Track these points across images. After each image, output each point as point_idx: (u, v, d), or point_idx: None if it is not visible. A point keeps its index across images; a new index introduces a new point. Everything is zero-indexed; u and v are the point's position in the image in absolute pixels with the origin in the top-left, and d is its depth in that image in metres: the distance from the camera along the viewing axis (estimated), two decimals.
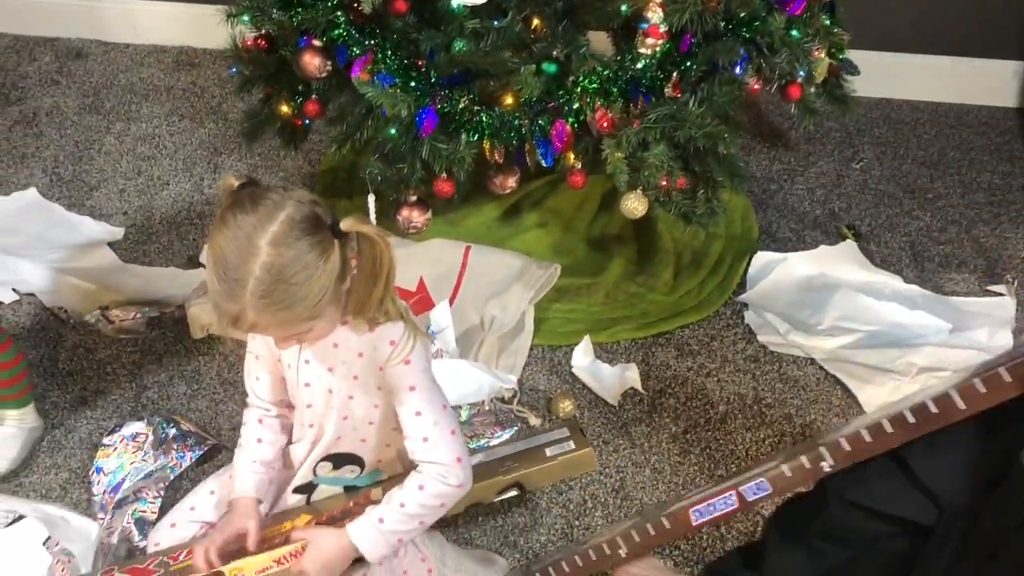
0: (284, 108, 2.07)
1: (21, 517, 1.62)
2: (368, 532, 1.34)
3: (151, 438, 1.79)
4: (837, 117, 2.51)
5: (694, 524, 1.34)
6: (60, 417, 1.91)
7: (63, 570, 1.58)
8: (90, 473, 1.78)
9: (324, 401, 1.43)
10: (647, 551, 1.41)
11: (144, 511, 1.69)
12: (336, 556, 1.35)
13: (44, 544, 1.59)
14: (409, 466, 1.39)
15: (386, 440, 1.48)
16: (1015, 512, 1.10)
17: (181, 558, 1.42)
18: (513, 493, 1.55)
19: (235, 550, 1.40)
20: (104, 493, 1.74)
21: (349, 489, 1.50)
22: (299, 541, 1.37)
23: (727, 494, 1.30)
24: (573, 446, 1.57)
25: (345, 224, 1.22)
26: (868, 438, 1.19)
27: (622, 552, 1.38)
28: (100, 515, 1.71)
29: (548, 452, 1.58)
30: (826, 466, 1.22)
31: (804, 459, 1.23)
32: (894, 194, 2.60)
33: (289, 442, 1.54)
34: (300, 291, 1.19)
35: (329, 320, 1.29)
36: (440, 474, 1.33)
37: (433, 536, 1.64)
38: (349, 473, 1.49)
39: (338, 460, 1.49)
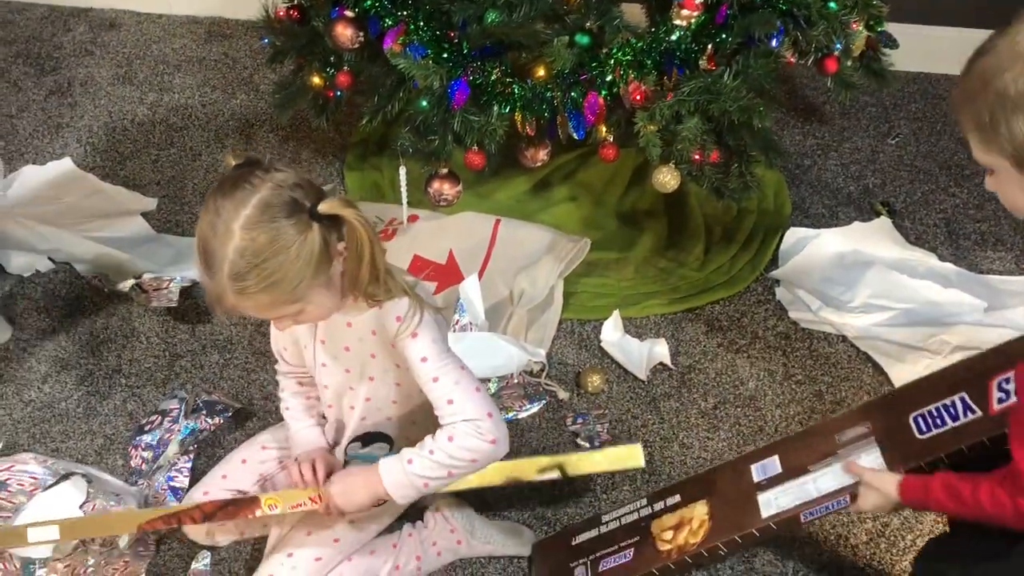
0: (316, 79, 2.07)
1: (67, 476, 1.66)
2: (394, 468, 1.34)
3: (182, 410, 1.82)
4: (873, 91, 2.47)
5: (803, 523, 1.42)
6: (95, 385, 1.94)
7: None
8: (129, 448, 1.80)
9: (342, 380, 1.45)
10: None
11: (176, 476, 1.72)
12: (361, 484, 1.37)
13: (80, 507, 1.63)
14: None
15: (412, 417, 1.49)
16: None
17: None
18: (555, 475, 1.52)
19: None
20: (142, 463, 1.76)
21: None
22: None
23: (842, 497, 1.39)
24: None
25: (322, 207, 1.21)
26: None
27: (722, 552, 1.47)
28: (140, 482, 1.74)
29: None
30: None
31: None
32: (930, 170, 2.56)
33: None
34: (275, 275, 1.19)
35: (321, 303, 1.29)
36: (471, 427, 1.31)
37: (462, 507, 1.66)
38: (379, 451, 1.50)
39: (367, 439, 1.50)
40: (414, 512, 1.61)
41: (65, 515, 1.62)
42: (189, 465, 1.74)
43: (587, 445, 1.86)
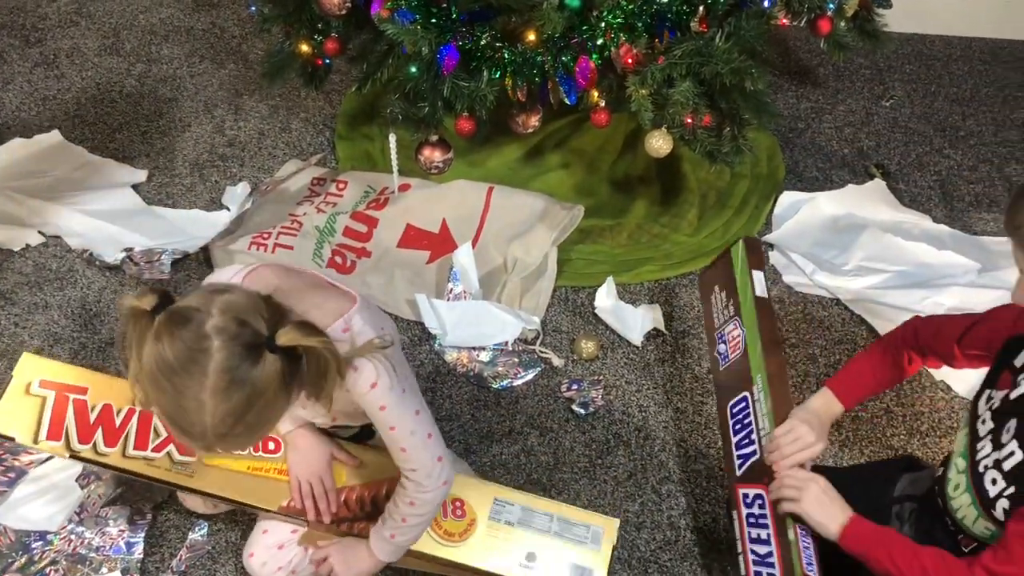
0: (304, 47, 2.05)
1: None
2: (385, 547, 1.42)
3: None
4: (867, 53, 2.46)
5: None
6: (88, 358, 1.93)
7: (95, 504, 1.62)
8: None
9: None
10: None
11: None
12: (363, 557, 1.44)
13: (77, 480, 1.63)
14: None
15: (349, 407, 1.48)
16: None
17: None
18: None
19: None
20: None
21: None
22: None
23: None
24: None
25: (281, 340, 1.12)
26: None
27: None
28: None
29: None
30: None
31: None
32: (924, 132, 2.55)
33: None
34: (259, 417, 1.14)
35: (289, 415, 1.33)
36: (422, 484, 1.35)
37: (460, 463, 1.68)
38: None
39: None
40: None
41: (61, 488, 1.62)
42: None
43: (582, 411, 1.86)
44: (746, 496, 1.44)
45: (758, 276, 1.67)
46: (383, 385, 1.28)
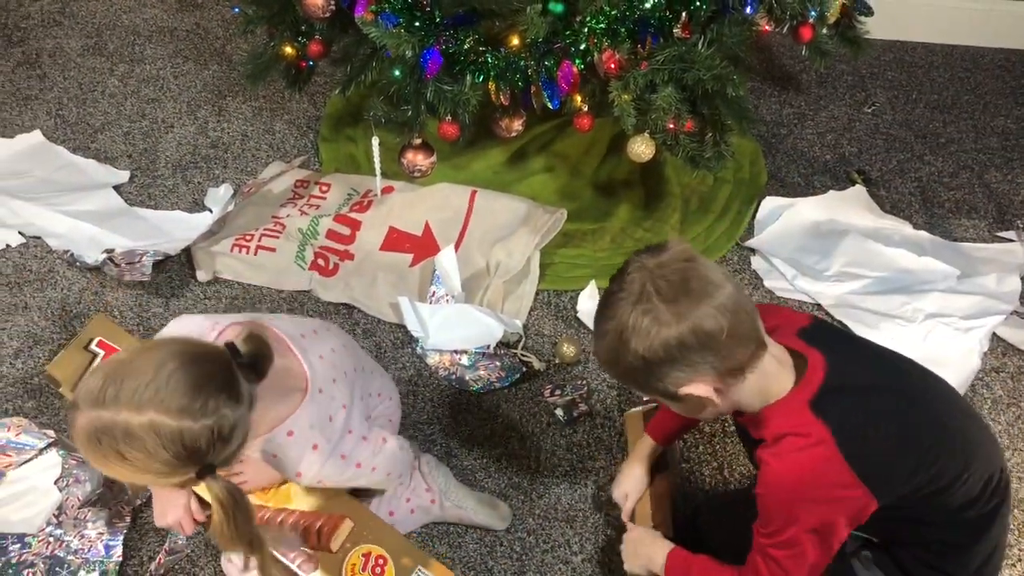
0: (288, 49, 2.05)
1: (50, 445, 1.67)
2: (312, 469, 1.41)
3: None
4: (849, 60, 2.47)
5: None
6: None
7: (73, 506, 1.61)
8: None
9: None
10: None
11: None
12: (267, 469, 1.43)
13: (55, 483, 1.62)
14: None
15: None
16: None
17: None
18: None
19: None
20: None
21: None
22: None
23: None
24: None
25: (207, 480, 1.13)
26: None
27: None
28: None
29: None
30: None
31: None
32: (905, 139, 2.57)
33: None
34: (129, 463, 1.11)
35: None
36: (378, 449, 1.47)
37: (440, 467, 1.67)
38: None
39: None
40: None
41: (40, 489, 1.62)
42: None
43: (563, 415, 1.87)
44: None
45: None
46: (320, 456, 1.36)
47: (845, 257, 2.18)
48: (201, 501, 1.46)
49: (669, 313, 1.15)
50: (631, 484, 1.63)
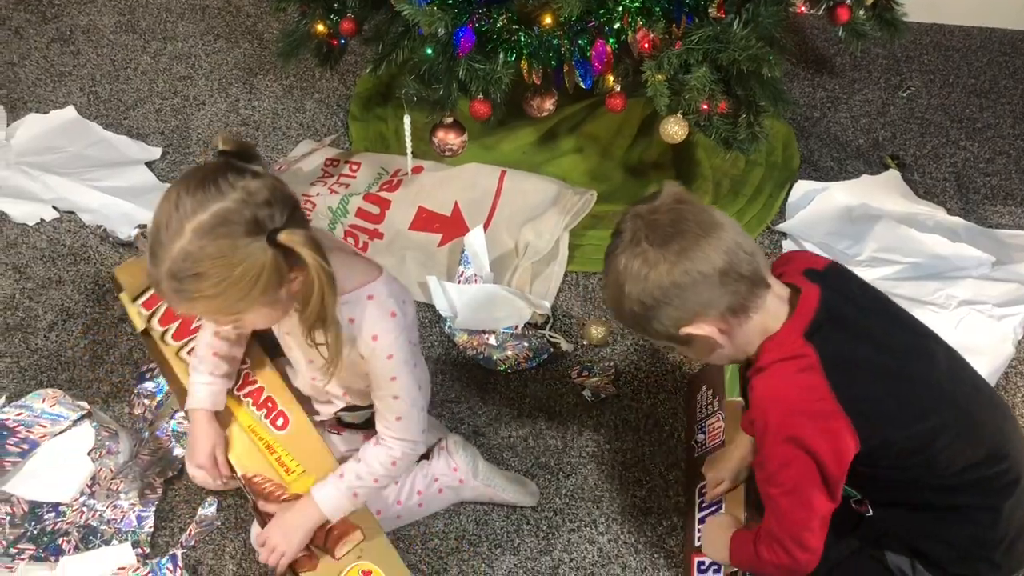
0: (319, 27, 2.05)
1: (84, 417, 1.69)
2: (336, 500, 1.43)
3: None
4: (885, 43, 2.42)
5: None
6: (101, 333, 1.94)
7: (106, 477, 1.63)
8: (131, 396, 1.81)
9: (304, 368, 1.47)
10: None
11: (182, 422, 1.73)
12: (299, 521, 1.44)
13: (88, 454, 1.64)
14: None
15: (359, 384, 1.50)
16: None
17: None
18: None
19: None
20: (145, 411, 1.77)
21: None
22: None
23: None
24: None
25: (282, 237, 1.15)
26: None
27: None
28: (139, 427, 1.75)
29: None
30: None
31: None
32: (941, 123, 2.54)
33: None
34: (213, 289, 1.15)
35: (261, 318, 1.29)
36: (411, 450, 1.42)
37: (467, 447, 1.67)
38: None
39: (353, 407, 1.55)
40: None
41: (74, 460, 1.64)
42: None
43: (591, 396, 1.87)
44: (701, 564, 1.55)
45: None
46: (399, 355, 1.32)
47: (877, 242, 2.16)
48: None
49: (659, 255, 1.19)
50: (727, 473, 1.60)
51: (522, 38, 1.78)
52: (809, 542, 1.28)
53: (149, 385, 1.80)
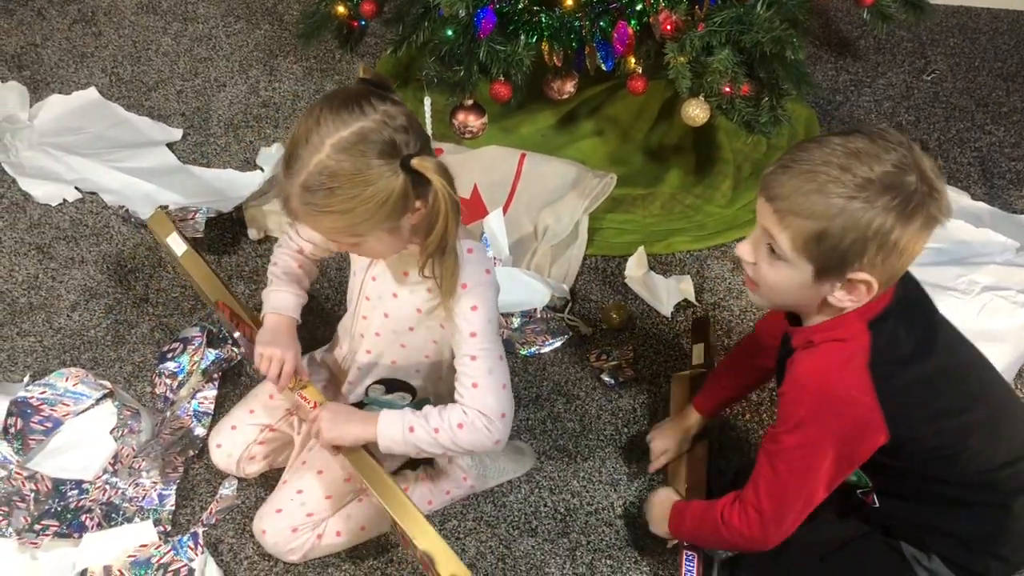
0: (340, 8, 2.05)
1: (106, 396, 1.70)
2: (394, 426, 1.35)
3: (203, 339, 1.83)
4: (910, 25, 2.41)
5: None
6: (123, 313, 1.96)
7: (128, 456, 1.65)
8: (153, 376, 1.83)
9: (379, 322, 1.45)
10: None
11: (202, 402, 1.74)
12: (356, 420, 1.38)
13: (111, 432, 1.66)
14: None
15: (439, 373, 1.49)
16: None
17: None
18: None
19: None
20: (167, 390, 1.79)
21: None
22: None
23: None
24: None
25: (415, 162, 1.19)
26: None
27: None
28: (161, 406, 1.77)
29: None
30: None
31: None
32: (966, 107, 2.51)
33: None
34: (343, 205, 1.18)
35: (381, 244, 1.28)
36: (484, 425, 1.32)
37: (528, 451, 1.70)
38: (400, 400, 1.52)
39: (391, 385, 1.51)
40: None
41: (96, 438, 1.65)
42: (214, 392, 1.76)
43: (610, 380, 1.87)
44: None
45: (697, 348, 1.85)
46: (484, 311, 1.32)
47: None
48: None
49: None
50: (671, 443, 1.66)
51: (543, 19, 1.78)
52: (789, 523, 1.29)
53: (171, 365, 1.81)
